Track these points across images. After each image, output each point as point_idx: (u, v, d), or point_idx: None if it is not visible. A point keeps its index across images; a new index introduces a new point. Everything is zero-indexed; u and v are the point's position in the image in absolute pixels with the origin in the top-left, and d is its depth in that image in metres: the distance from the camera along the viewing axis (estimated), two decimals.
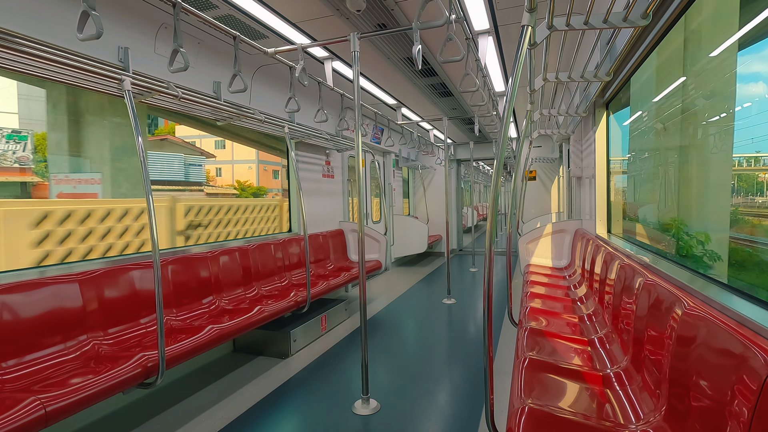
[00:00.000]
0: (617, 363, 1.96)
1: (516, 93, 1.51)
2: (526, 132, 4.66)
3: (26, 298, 2.13)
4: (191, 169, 20.35)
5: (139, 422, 2.40)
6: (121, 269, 2.66)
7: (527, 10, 1.50)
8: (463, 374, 3.00)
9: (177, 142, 21.87)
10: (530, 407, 1.48)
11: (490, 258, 1.55)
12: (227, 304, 3.33)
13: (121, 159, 5.96)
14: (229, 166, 29.47)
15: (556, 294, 3.47)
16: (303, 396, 2.70)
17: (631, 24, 1.79)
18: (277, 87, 4.01)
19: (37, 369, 2.05)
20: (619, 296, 2.25)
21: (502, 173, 2.19)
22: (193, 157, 20.97)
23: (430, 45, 3.53)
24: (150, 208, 2.10)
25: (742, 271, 2.01)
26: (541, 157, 8.38)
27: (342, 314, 4.32)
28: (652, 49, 2.50)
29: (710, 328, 1.22)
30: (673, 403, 1.36)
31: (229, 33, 2.51)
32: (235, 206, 6.47)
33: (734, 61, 1.98)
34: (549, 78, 2.78)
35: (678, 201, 2.72)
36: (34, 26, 2.06)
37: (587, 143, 4.34)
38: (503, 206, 16.05)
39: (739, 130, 1.93)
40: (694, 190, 2.52)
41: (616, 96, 3.62)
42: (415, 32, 2.28)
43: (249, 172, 28.66)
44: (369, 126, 6.12)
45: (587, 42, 3.03)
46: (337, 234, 5.46)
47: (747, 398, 0.98)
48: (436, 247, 9.05)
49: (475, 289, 5.82)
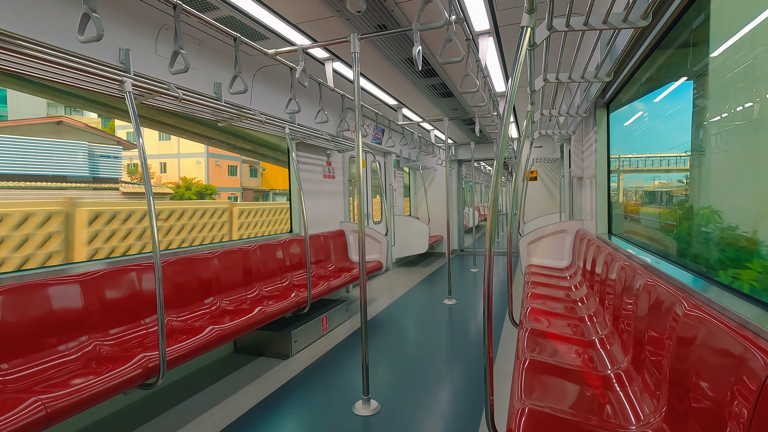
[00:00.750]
0: (618, 364, 1.96)
1: (516, 93, 1.51)
2: (526, 132, 4.66)
3: (28, 299, 2.14)
4: (101, 162, 15.59)
5: (140, 423, 2.41)
6: (122, 270, 2.67)
7: (527, 11, 1.50)
8: (464, 375, 2.99)
9: (78, 126, 16.18)
10: (531, 408, 1.48)
11: (490, 259, 1.55)
12: (228, 305, 3.34)
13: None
14: (174, 160, 24.24)
15: (557, 295, 3.47)
16: (303, 397, 2.70)
17: (631, 25, 1.79)
18: (278, 88, 4.01)
19: (39, 370, 2.06)
20: (619, 297, 2.25)
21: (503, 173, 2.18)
22: (105, 147, 16.21)
23: (430, 46, 3.53)
24: (151, 210, 2.10)
25: None
26: (542, 158, 8.38)
27: (343, 315, 4.32)
28: (652, 50, 2.50)
29: (710, 329, 1.22)
30: (674, 404, 1.36)
31: (229, 34, 2.51)
32: (167, 211, 5.12)
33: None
34: (549, 79, 2.78)
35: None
36: (35, 28, 2.07)
37: (588, 143, 4.34)
38: (504, 207, 16.04)
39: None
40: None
41: (617, 96, 3.62)
42: (415, 33, 2.29)
43: (198, 168, 23.93)
44: (370, 126, 6.12)
45: (587, 42, 3.03)
46: (338, 234, 5.47)
47: (747, 399, 0.98)
48: (437, 247, 9.04)
49: (476, 290, 5.82)
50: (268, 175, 29.36)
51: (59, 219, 3.94)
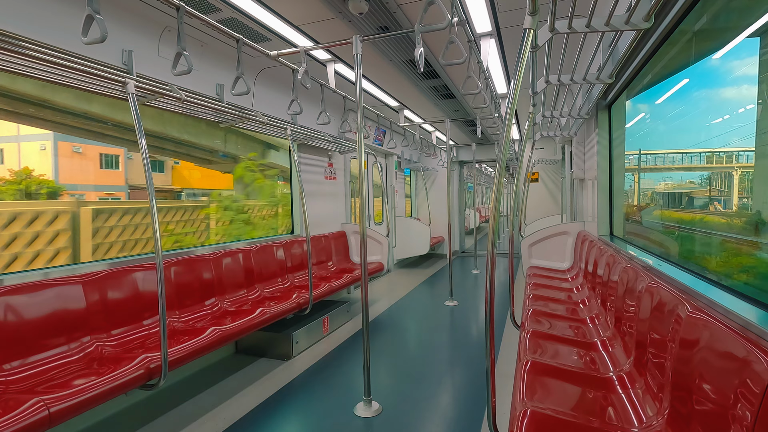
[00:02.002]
0: (620, 366, 1.96)
1: (518, 95, 1.51)
2: (528, 134, 4.67)
3: (30, 300, 2.14)
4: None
5: (142, 424, 2.41)
6: (125, 271, 2.67)
7: (529, 13, 1.50)
8: (466, 377, 2.99)
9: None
10: (532, 410, 1.47)
11: (491, 260, 1.55)
12: (230, 306, 3.34)
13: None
14: (13, 145, 16.81)
15: (559, 296, 3.46)
16: (305, 398, 2.70)
17: (633, 27, 1.79)
18: (280, 89, 4.02)
19: (41, 370, 2.06)
20: (621, 299, 2.24)
21: (504, 175, 2.18)
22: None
23: (432, 47, 3.54)
24: (153, 210, 2.11)
25: None
26: (543, 159, 8.38)
27: (344, 316, 4.32)
28: (654, 52, 2.50)
29: (713, 331, 1.22)
30: (676, 406, 1.35)
31: (232, 36, 2.52)
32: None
33: None
34: (551, 80, 2.78)
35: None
36: (39, 30, 2.08)
37: (590, 145, 4.34)
38: (506, 208, 16.03)
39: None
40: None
41: (619, 98, 3.62)
42: (417, 35, 2.29)
43: (44, 156, 16.63)
44: (371, 128, 6.13)
45: (589, 44, 3.03)
46: (339, 236, 5.47)
47: (750, 402, 0.98)
48: (438, 248, 9.04)
49: (478, 291, 5.81)
50: (183, 170, 19.93)
51: None
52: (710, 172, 2.49)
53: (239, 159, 8.90)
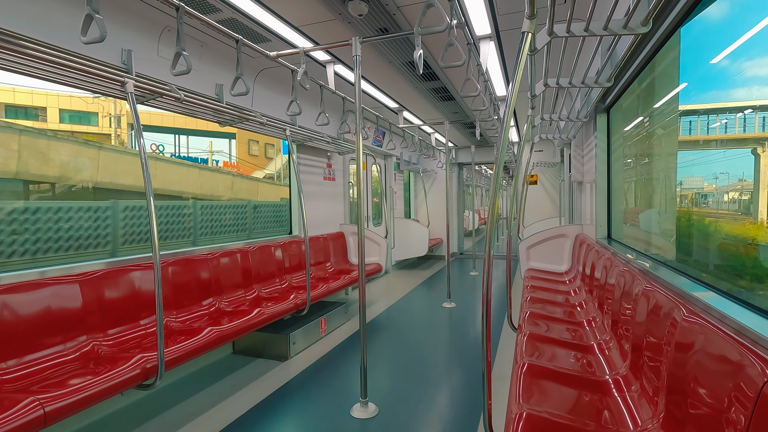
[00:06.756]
0: (616, 369, 1.96)
1: (517, 98, 1.52)
2: (527, 136, 4.68)
3: (26, 298, 2.14)
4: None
5: (138, 424, 2.40)
6: (122, 270, 2.67)
7: (527, 17, 1.51)
8: (463, 379, 2.99)
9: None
10: (528, 413, 1.47)
11: (489, 262, 1.55)
12: (227, 306, 3.34)
13: None
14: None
15: (556, 299, 3.47)
16: (301, 399, 2.69)
17: (632, 31, 1.79)
18: (279, 90, 4.02)
19: (37, 369, 2.05)
20: (618, 302, 2.25)
21: (503, 177, 2.17)
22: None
23: (431, 49, 3.55)
24: (150, 209, 2.11)
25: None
26: (542, 162, 8.39)
27: (342, 317, 4.32)
28: (652, 56, 2.51)
29: (708, 335, 1.22)
30: (671, 410, 1.36)
31: (231, 36, 2.52)
32: None
33: None
34: (550, 83, 2.79)
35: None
36: (38, 29, 2.08)
37: (588, 148, 4.35)
38: (504, 210, 16.04)
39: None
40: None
41: (617, 101, 3.63)
42: (417, 37, 2.29)
43: None
44: (370, 129, 6.13)
45: (588, 48, 3.04)
46: (337, 236, 5.47)
47: (744, 406, 0.98)
48: (436, 250, 9.04)
49: (475, 293, 5.81)
50: None
51: None
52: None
53: None
